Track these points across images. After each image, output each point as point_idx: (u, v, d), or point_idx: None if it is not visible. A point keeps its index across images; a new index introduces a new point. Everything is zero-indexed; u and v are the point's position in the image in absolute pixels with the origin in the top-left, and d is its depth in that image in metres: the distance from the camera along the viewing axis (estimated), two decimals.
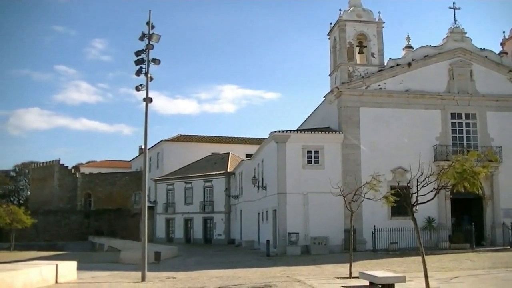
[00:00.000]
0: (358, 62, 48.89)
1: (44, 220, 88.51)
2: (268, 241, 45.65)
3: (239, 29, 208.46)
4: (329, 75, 50.38)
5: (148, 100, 27.99)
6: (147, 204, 29.65)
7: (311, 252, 42.70)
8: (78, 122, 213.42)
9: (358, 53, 49.34)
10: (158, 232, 78.31)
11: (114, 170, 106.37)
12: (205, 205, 72.82)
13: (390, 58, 48.43)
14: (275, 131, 45.67)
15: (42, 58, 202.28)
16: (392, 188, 33.09)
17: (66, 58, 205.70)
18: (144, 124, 28.25)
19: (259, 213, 54.78)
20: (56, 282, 24.34)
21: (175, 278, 27.09)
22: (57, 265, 24.98)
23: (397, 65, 47.96)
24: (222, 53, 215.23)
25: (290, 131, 46.91)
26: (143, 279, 25.77)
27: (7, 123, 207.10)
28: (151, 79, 28.00)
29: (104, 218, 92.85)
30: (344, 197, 27.62)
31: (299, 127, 57.61)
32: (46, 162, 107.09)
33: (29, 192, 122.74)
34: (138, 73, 27.88)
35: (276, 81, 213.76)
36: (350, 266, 25.06)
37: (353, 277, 23.93)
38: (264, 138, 54.03)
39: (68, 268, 26.21)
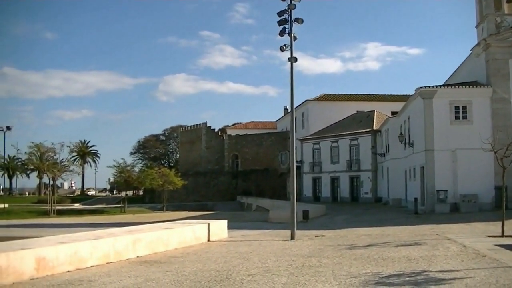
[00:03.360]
0: (506, 12, 46.79)
1: (193, 181, 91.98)
2: (416, 198, 45.31)
3: None
4: (476, 27, 48.58)
5: (293, 59, 28.28)
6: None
7: (460, 210, 41.97)
8: (224, 85, 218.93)
9: (507, 2, 47.06)
10: (305, 191, 79.08)
11: (260, 131, 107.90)
12: (351, 164, 72.88)
13: None
14: (421, 87, 44.87)
15: (187, 25, 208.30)
16: None
17: (210, 24, 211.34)
18: (290, 83, 28.62)
19: (406, 171, 54.22)
20: (208, 240, 25.48)
21: (323, 236, 27.47)
22: (209, 224, 26.16)
23: None
24: (365, 11, 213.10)
25: (437, 86, 45.93)
26: (292, 237, 26.32)
27: (156, 90, 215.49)
28: (295, 38, 28.25)
29: (251, 178, 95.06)
30: (495, 153, 26.85)
31: (445, 83, 56.12)
32: (194, 126, 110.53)
33: (178, 155, 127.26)
34: (282, 33, 28.20)
35: (420, 37, 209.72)
36: (503, 224, 24.44)
37: (506, 236, 23.36)
38: (409, 95, 53.17)
39: (219, 227, 27.29)
